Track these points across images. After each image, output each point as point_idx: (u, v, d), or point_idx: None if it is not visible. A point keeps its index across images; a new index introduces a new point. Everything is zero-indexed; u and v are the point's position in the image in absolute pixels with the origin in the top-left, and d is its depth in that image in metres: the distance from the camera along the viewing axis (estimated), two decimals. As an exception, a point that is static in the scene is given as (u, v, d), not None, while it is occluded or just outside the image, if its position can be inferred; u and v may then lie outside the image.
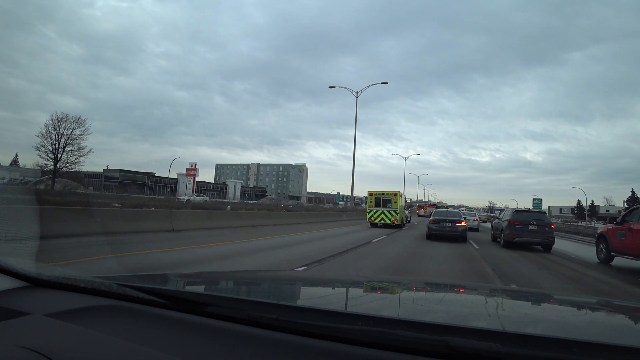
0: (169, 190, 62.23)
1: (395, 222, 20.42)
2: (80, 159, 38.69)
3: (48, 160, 37.55)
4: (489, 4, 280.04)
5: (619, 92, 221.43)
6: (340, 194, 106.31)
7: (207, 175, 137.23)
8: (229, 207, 21.59)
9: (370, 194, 21.48)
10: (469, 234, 16.71)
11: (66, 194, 23.57)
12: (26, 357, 0.76)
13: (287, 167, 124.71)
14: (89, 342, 0.86)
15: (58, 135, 37.06)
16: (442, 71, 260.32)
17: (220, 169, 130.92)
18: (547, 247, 12.43)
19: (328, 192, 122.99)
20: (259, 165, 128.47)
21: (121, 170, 67.87)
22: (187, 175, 71.50)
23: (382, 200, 20.88)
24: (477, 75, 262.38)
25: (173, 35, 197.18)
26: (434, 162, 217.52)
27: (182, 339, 0.90)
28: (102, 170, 67.19)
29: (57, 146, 36.93)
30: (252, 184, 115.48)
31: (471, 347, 0.77)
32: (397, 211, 20.39)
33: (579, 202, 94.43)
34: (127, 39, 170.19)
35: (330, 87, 33.04)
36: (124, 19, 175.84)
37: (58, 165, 37.30)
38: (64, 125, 37.21)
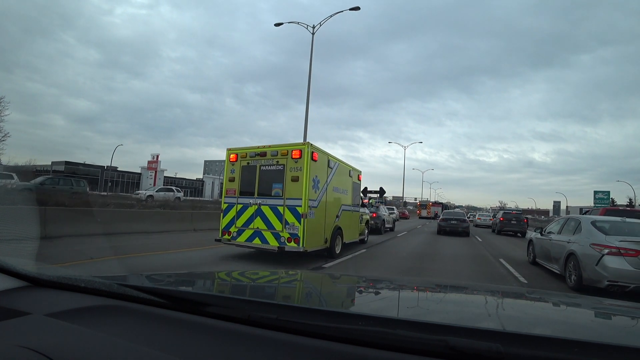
0: (110, 185, 51.57)
1: (293, 244, 6.85)
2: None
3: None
4: (499, 9, 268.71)
5: (627, 93, 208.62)
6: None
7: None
8: None
9: (232, 157, 7.93)
10: (481, 229, 26.38)
11: None
12: (26, 357, 0.76)
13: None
14: (89, 342, 0.86)
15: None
16: (451, 74, 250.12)
17: (208, 165, 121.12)
18: (523, 233, 20.17)
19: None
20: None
21: (67, 162, 57.40)
22: (148, 168, 61.05)
23: (259, 173, 7.52)
24: (486, 78, 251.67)
25: (189, 40, 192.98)
26: (442, 163, 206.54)
27: (182, 339, 0.90)
28: (50, 163, 57.35)
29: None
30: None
31: (471, 347, 0.77)
32: (302, 208, 6.92)
33: (612, 201, 79.40)
34: (144, 44, 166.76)
35: (277, 24, 21.94)
36: (142, 26, 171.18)
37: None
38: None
